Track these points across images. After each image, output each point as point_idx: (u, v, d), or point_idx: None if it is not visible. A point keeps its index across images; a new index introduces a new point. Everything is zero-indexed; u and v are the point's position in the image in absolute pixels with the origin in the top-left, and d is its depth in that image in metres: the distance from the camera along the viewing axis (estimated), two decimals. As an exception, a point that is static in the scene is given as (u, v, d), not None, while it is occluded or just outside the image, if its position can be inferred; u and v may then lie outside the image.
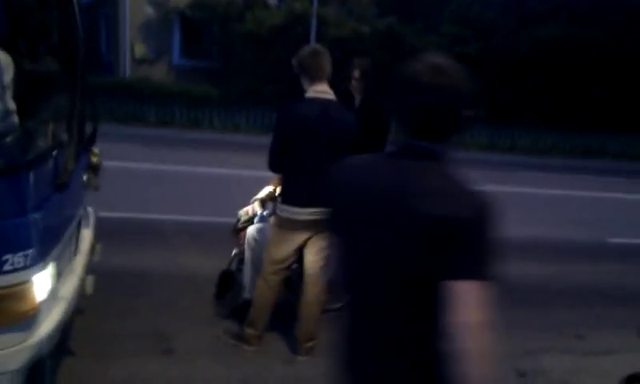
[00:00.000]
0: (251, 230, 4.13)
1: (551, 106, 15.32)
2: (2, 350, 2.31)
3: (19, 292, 2.34)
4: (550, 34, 15.01)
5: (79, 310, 3.55)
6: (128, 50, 15.67)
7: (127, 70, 15.66)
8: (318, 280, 3.75)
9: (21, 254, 2.34)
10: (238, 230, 4.32)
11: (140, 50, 15.75)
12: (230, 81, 14.56)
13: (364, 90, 4.68)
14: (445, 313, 1.43)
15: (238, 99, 14.31)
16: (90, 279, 3.38)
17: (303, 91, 3.66)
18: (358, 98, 4.73)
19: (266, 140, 3.71)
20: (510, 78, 15.09)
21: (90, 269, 3.45)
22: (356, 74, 4.63)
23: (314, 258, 3.71)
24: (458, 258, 1.44)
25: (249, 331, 3.80)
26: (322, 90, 3.61)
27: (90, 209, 3.96)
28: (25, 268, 2.35)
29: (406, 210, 1.50)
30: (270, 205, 4.31)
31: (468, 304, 1.41)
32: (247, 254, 4.10)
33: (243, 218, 4.35)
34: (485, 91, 14.78)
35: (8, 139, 2.48)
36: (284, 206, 3.66)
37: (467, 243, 1.44)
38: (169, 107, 14.21)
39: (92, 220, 3.95)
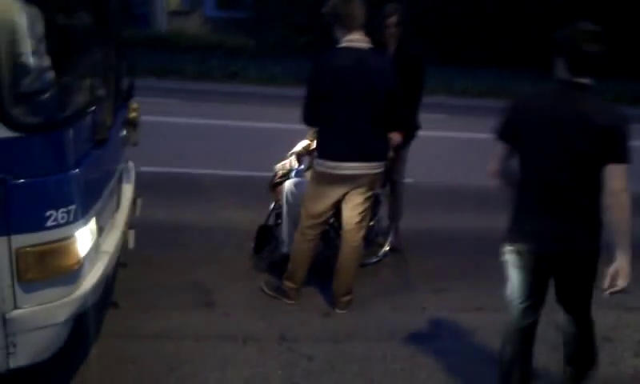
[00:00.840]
0: (288, 185, 4.11)
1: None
2: (48, 303, 2.36)
3: (63, 247, 2.38)
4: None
5: (122, 264, 3.62)
6: (162, 3, 15.59)
7: (163, 22, 15.62)
8: (356, 234, 3.72)
9: (63, 209, 2.36)
10: (275, 184, 4.30)
11: (174, 1, 15.66)
12: (264, 31, 14.38)
13: (399, 38, 4.49)
14: (606, 183, 2.44)
15: (272, 49, 14.14)
16: (132, 233, 3.42)
17: (337, 41, 3.55)
18: (392, 47, 4.54)
19: (302, 91, 3.64)
20: (514, 22, 14.36)
21: (131, 223, 3.49)
22: (393, 19, 4.42)
23: (351, 213, 3.67)
24: (615, 149, 2.44)
25: (287, 284, 3.81)
26: (356, 39, 3.49)
27: (130, 163, 3.99)
28: (68, 223, 2.37)
29: (584, 122, 2.47)
30: (306, 159, 4.27)
31: (620, 177, 2.43)
32: (285, 209, 4.09)
33: (280, 173, 4.32)
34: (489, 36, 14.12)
35: (45, 96, 2.48)
36: (320, 161, 3.60)
37: (620, 140, 2.45)
38: (205, 59, 14.15)
39: (132, 175, 3.98)
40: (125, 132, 3.55)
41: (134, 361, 3.11)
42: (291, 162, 4.34)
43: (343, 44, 3.51)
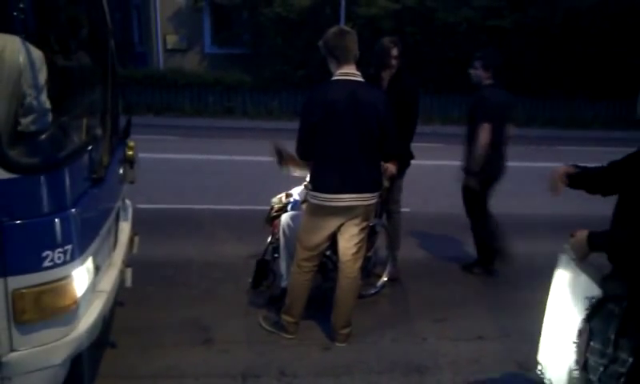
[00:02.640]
0: (285, 218, 4.11)
1: (590, 77, 14.76)
2: (44, 344, 2.36)
3: (60, 287, 2.38)
4: (587, 0, 14.46)
5: (119, 303, 3.60)
6: (160, 41, 15.80)
7: (160, 60, 15.81)
8: (353, 266, 3.71)
9: (60, 249, 2.37)
10: (272, 218, 4.31)
11: (172, 40, 15.87)
12: (261, 66, 14.54)
13: (395, 70, 4.56)
14: None
15: (269, 84, 14.30)
16: (129, 272, 3.42)
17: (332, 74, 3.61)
18: (387, 79, 4.59)
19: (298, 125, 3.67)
20: (547, 49, 14.60)
21: (128, 261, 3.49)
22: (394, 51, 4.48)
23: (347, 244, 3.67)
24: None
25: (286, 319, 3.79)
26: (349, 72, 3.54)
27: (127, 201, 4.00)
28: (64, 263, 2.38)
29: None
30: (302, 192, 4.29)
31: None
32: (282, 242, 4.09)
33: (276, 206, 4.34)
34: (521, 64, 14.50)
35: (42, 136, 2.51)
36: (314, 193, 3.61)
37: None
38: (202, 96, 14.29)
39: (130, 212, 3.99)
40: (122, 170, 3.58)
41: (133, 401, 3.08)
42: (287, 195, 4.36)
43: (336, 77, 3.56)
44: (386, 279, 4.61)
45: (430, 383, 3.39)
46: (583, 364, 2.34)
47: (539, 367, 2.75)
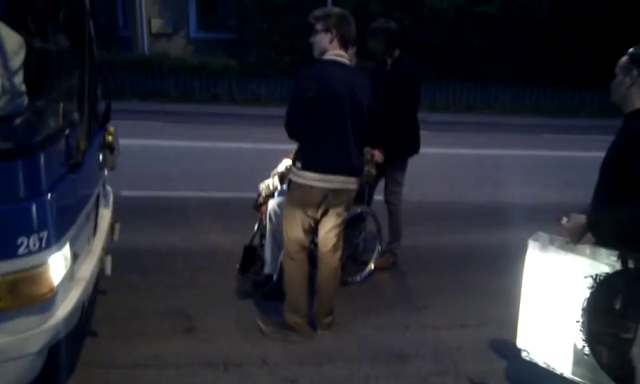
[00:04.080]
0: (272, 204, 4.07)
1: (577, 65, 14.80)
2: (20, 333, 2.30)
3: (35, 275, 2.32)
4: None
5: (100, 290, 3.56)
6: (145, 25, 15.58)
7: (145, 44, 15.60)
8: (333, 256, 3.67)
9: (36, 236, 2.31)
10: (260, 205, 4.27)
11: (157, 24, 15.66)
12: (247, 51, 14.41)
13: (395, 56, 4.56)
14: None
15: (256, 70, 14.18)
16: (109, 259, 3.36)
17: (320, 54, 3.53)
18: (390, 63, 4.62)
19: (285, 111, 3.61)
20: (533, 36, 14.61)
21: (109, 249, 3.44)
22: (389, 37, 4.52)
23: (328, 234, 3.62)
24: None
25: (294, 319, 3.62)
26: (343, 55, 3.51)
27: (108, 188, 3.94)
28: (40, 250, 2.32)
29: None
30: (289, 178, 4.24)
31: None
32: (268, 228, 4.05)
33: (264, 192, 4.29)
34: (507, 51, 14.50)
35: (18, 121, 2.44)
36: (303, 172, 3.44)
37: None
38: (188, 81, 14.15)
39: (111, 199, 3.93)
40: (101, 156, 3.51)
41: (112, 390, 3.04)
42: (274, 181, 4.31)
43: (330, 57, 3.48)
44: (372, 268, 4.60)
45: (411, 371, 3.38)
46: (591, 339, 2.45)
47: (524, 353, 2.75)
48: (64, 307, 2.53)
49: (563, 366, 2.57)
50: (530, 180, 7.86)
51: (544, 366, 2.66)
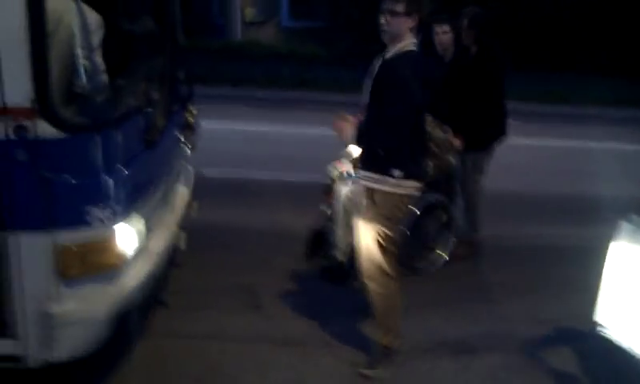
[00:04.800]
0: (345, 190, 4.03)
1: (605, 53, 13.61)
2: (90, 300, 2.43)
3: (105, 245, 2.44)
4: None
5: (175, 264, 3.69)
6: (239, 14, 15.99)
7: (238, 32, 16.02)
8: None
9: (108, 208, 2.42)
10: (329, 188, 4.26)
11: (250, 13, 16.04)
12: (336, 40, 14.43)
13: (477, 42, 4.41)
14: None
15: (343, 58, 14.18)
16: (183, 235, 3.48)
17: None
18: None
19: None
20: (564, 23, 13.56)
21: (185, 225, 3.56)
22: (464, 23, 4.38)
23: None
24: None
25: (388, 341, 3.20)
26: (413, 42, 3.14)
27: (190, 167, 4.07)
28: (110, 221, 2.43)
29: None
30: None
31: None
32: (341, 213, 4.02)
33: (335, 174, 4.28)
34: (518, 35, 13.50)
35: (95, 97, 2.56)
36: (404, 181, 2.98)
37: None
38: (277, 68, 14.38)
39: (191, 178, 4.06)
40: (181, 136, 3.63)
41: (177, 361, 3.16)
42: (347, 166, 4.28)
43: (412, 48, 3.08)
44: (446, 258, 4.49)
45: (479, 364, 3.29)
46: None
47: (599, 328, 2.61)
48: (134, 278, 2.65)
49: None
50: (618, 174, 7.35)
51: (620, 345, 2.52)
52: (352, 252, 3.80)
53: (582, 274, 3.95)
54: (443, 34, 4.52)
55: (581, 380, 3.16)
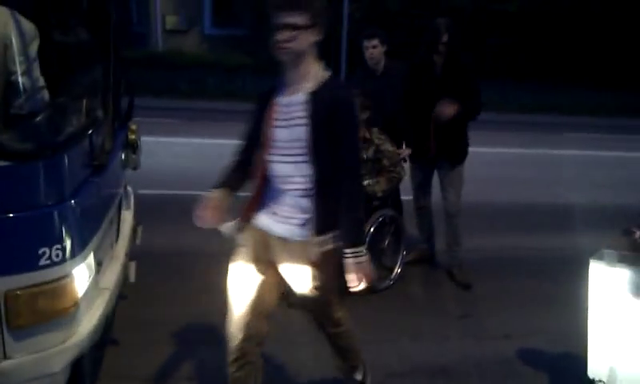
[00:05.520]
0: None
1: (598, 64, 14.50)
2: (42, 351, 2.12)
3: (58, 288, 2.13)
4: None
5: (122, 297, 3.37)
6: (160, 21, 15.47)
7: (159, 41, 15.48)
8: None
9: (58, 246, 2.12)
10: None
11: (171, 20, 15.54)
12: (261, 48, 14.25)
13: (448, 53, 4.25)
14: None
15: (269, 67, 14.00)
16: (133, 265, 3.19)
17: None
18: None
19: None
20: (553, 34, 14.32)
21: (132, 253, 3.25)
22: (444, 37, 4.18)
23: None
24: None
25: (364, 375, 2.95)
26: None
27: (129, 188, 3.76)
28: (63, 261, 2.13)
29: None
30: None
31: None
32: None
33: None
34: (527, 49, 14.23)
35: (38, 119, 2.25)
36: None
37: None
38: (202, 77, 14.00)
39: (132, 200, 3.75)
40: (124, 156, 3.32)
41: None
42: None
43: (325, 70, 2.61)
44: (398, 271, 4.40)
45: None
46: None
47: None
48: (88, 321, 2.35)
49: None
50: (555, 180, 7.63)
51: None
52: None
53: (543, 286, 3.98)
54: (373, 48, 4.52)
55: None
